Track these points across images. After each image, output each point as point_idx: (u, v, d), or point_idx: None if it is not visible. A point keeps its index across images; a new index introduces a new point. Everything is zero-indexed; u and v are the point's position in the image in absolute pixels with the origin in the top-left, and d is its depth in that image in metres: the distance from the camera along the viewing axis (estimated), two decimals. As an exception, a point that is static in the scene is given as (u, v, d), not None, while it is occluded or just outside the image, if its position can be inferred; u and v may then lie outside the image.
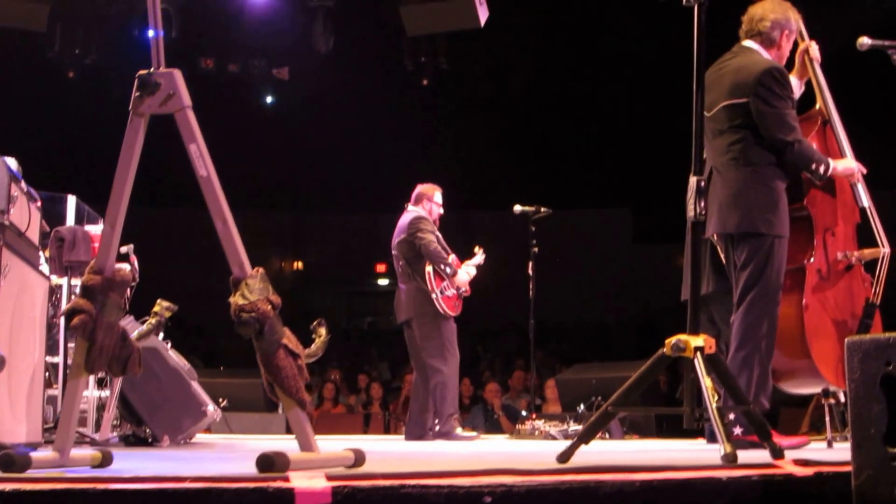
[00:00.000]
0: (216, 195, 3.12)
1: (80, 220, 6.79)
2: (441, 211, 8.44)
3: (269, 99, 16.69)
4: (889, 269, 5.49)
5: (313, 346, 3.74)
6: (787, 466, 2.89)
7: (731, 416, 4.94)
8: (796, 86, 5.55)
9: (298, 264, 22.90)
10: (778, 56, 5.36)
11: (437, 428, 7.96)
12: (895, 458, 2.52)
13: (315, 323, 3.77)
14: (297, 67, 13.98)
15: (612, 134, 17.19)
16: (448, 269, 8.11)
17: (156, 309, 5.74)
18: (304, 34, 12.42)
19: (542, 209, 8.94)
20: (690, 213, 3.76)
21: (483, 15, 11.53)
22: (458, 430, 8.11)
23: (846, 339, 2.69)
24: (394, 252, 8.34)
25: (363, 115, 17.32)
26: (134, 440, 6.10)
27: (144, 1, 3.25)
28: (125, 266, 6.72)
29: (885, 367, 2.57)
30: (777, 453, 3.51)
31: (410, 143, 17.79)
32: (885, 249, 5.50)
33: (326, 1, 11.98)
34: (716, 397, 3.44)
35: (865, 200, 5.48)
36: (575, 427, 8.05)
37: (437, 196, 8.45)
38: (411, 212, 8.39)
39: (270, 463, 2.74)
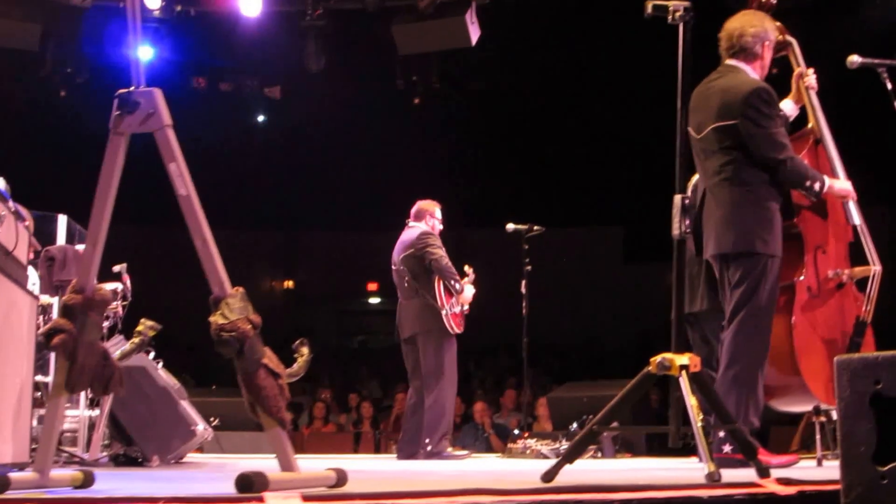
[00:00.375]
0: (196, 214, 3.13)
1: (71, 239, 6.79)
2: (441, 227, 8.46)
3: (260, 118, 16.71)
4: (881, 286, 5.51)
5: (295, 366, 3.75)
6: (770, 486, 2.89)
7: (721, 434, 4.92)
8: (791, 110, 5.64)
9: (289, 283, 22.88)
10: (761, 67, 5.38)
11: (429, 447, 7.94)
12: (884, 477, 2.51)
13: (297, 342, 3.78)
14: (289, 86, 13.99)
15: (603, 152, 17.21)
16: (457, 286, 8.13)
17: (139, 328, 5.74)
18: (296, 53, 12.43)
19: (535, 227, 8.97)
20: (675, 230, 3.76)
21: (475, 34, 11.57)
22: (449, 450, 8.10)
23: (835, 358, 2.70)
24: (397, 267, 8.33)
25: (355, 134, 17.34)
26: (124, 460, 6.08)
27: (136, 20, 3.26)
28: (116, 285, 6.73)
29: (875, 386, 2.56)
30: (763, 472, 3.50)
31: (402, 162, 17.80)
32: (876, 267, 5.53)
33: (318, 20, 12.00)
34: (700, 416, 3.45)
35: (857, 218, 5.52)
36: (566, 445, 8.04)
37: (438, 212, 8.47)
38: (415, 227, 8.38)
39: (249, 483, 2.72)
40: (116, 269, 6.81)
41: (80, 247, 6.39)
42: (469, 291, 8.25)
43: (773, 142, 5.08)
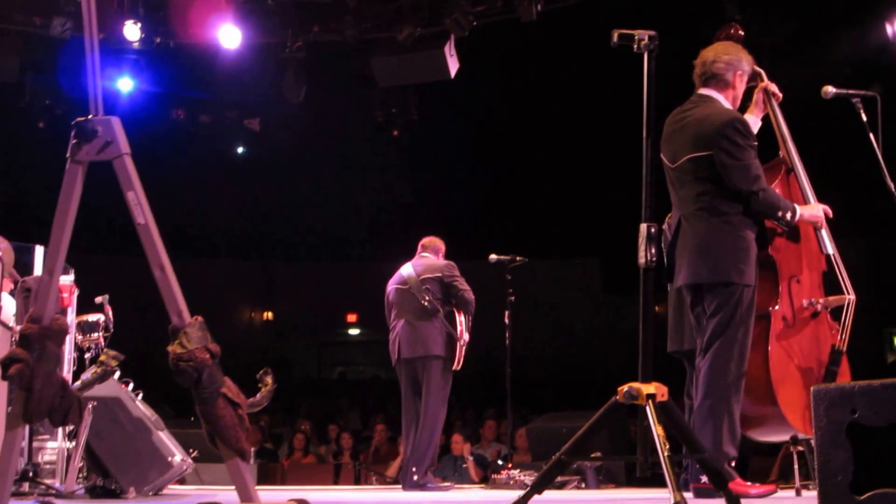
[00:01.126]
0: (154, 243, 3.09)
1: (48, 270, 6.76)
2: None
3: (240, 149, 16.73)
4: (855, 316, 5.50)
5: (258, 395, 3.72)
6: None
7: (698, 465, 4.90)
8: (754, 123, 5.56)
9: (269, 314, 22.86)
10: (734, 97, 5.38)
11: (415, 478, 7.89)
12: None
13: (261, 372, 3.76)
14: (269, 118, 14.02)
15: (579, 183, 17.29)
16: (469, 322, 8.19)
17: (102, 358, 5.72)
18: (276, 85, 12.47)
19: (518, 258, 9.00)
20: (641, 259, 3.76)
21: (453, 67, 11.64)
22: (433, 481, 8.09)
23: (812, 388, 2.71)
24: (410, 286, 8.28)
25: (334, 165, 17.38)
26: (101, 492, 6.04)
27: (116, 53, 3.27)
28: (98, 316, 6.71)
29: (851, 416, 2.58)
30: (733, 502, 3.50)
31: (381, 194, 17.86)
32: (849, 296, 5.52)
33: (298, 52, 12.05)
34: (667, 445, 3.44)
35: (830, 248, 5.52)
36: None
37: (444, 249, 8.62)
38: (430, 256, 8.48)
39: None
40: (98, 300, 6.80)
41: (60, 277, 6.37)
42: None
43: (746, 174, 5.08)
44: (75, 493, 5.95)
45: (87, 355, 6.68)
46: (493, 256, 9.01)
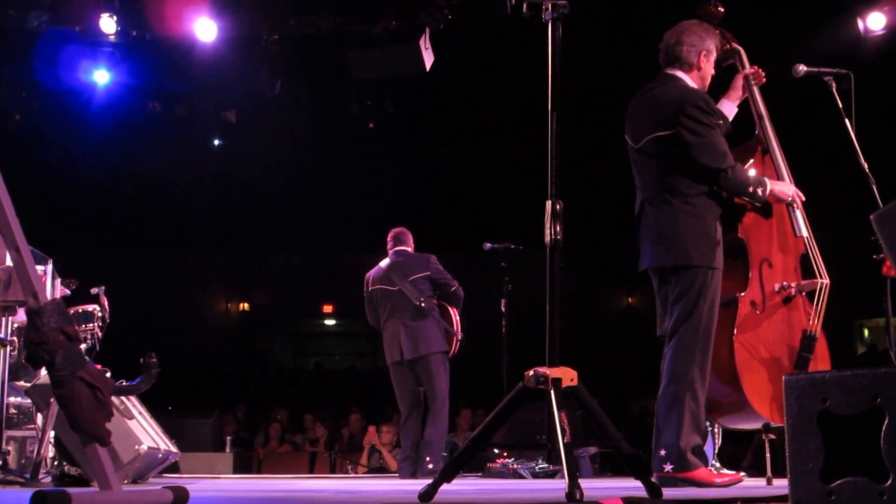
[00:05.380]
0: (9, 224, 2.98)
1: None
2: None
3: (216, 141, 16.73)
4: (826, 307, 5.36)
5: (138, 380, 3.64)
6: None
7: (663, 453, 4.86)
8: (730, 110, 5.48)
9: (245, 305, 22.87)
10: (700, 77, 5.25)
11: (430, 466, 8.05)
12: (832, 493, 2.55)
13: (146, 356, 3.71)
14: (245, 110, 14.04)
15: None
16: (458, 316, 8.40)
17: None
18: (252, 78, 12.51)
19: (513, 246, 9.05)
20: (547, 237, 3.64)
21: (429, 60, 11.69)
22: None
23: (784, 377, 2.72)
24: (398, 287, 8.38)
25: (310, 157, 17.40)
26: (70, 480, 5.98)
27: (92, 46, 3.25)
28: (94, 306, 6.73)
29: (822, 404, 2.60)
30: (655, 492, 3.42)
31: (356, 186, 17.90)
32: (823, 280, 5.39)
33: (273, 45, 12.08)
34: (565, 433, 3.34)
35: (804, 230, 5.38)
36: (543, 465, 8.11)
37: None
38: (407, 250, 8.59)
39: (44, 502, 2.55)
40: (94, 291, 6.80)
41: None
42: None
43: (712, 151, 4.97)
44: (41, 481, 5.91)
45: (83, 346, 6.66)
46: (487, 244, 9.06)
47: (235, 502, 3.37)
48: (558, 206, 3.65)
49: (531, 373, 3.44)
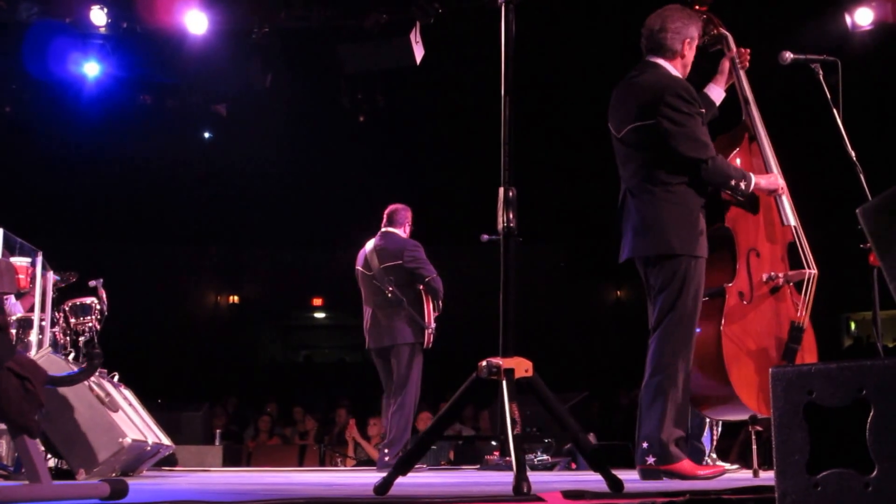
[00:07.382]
0: None
1: (12, 252, 6.76)
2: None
3: (206, 134, 16.71)
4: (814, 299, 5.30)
5: (77, 371, 3.54)
6: (551, 500, 2.85)
7: (645, 445, 4.81)
8: (718, 94, 5.42)
9: (235, 298, 22.88)
10: (682, 65, 5.16)
11: (387, 458, 7.82)
12: (818, 485, 2.56)
13: (88, 346, 3.66)
14: (235, 103, 14.04)
15: (543, 169, 17.37)
16: (440, 305, 8.19)
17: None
18: (242, 71, 12.51)
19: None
20: (500, 224, 3.64)
21: (419, 53, 11.70)
22: None
23: (771, 369, 2.70)
24: (372, 273, 8.23)
25: (300, 150, 17.41)
26: (54, 473, 5.96)
27: (83, 38, 3.26)
28: (92, 299, 6.71)
29: (808, 396, 2.59)
30: (615, 485, 3.32)
31: (347, 179, 17.90)
32: (811, 270, 5.32)
33: (264, 38, 12.08)
34: (515, 424, 3.35)
35: (791, 219, 5.32)
36: (542, 457, 8.11)
37: (410, 216, 8.54)
38: (394, 233, 8.36)
39: None
40: (92, 283, 6.77)
41: (16, 259, 6.34)
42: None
43: (692, 141, 4.88)
44: (23, 473, 5.87)
45: (81, 339, 6.64)
46: (484, 236, 9.01)
47: (222, 495, 3.37)
48: (511, 193, 3.63)
49: (484, 363, 3.38)
